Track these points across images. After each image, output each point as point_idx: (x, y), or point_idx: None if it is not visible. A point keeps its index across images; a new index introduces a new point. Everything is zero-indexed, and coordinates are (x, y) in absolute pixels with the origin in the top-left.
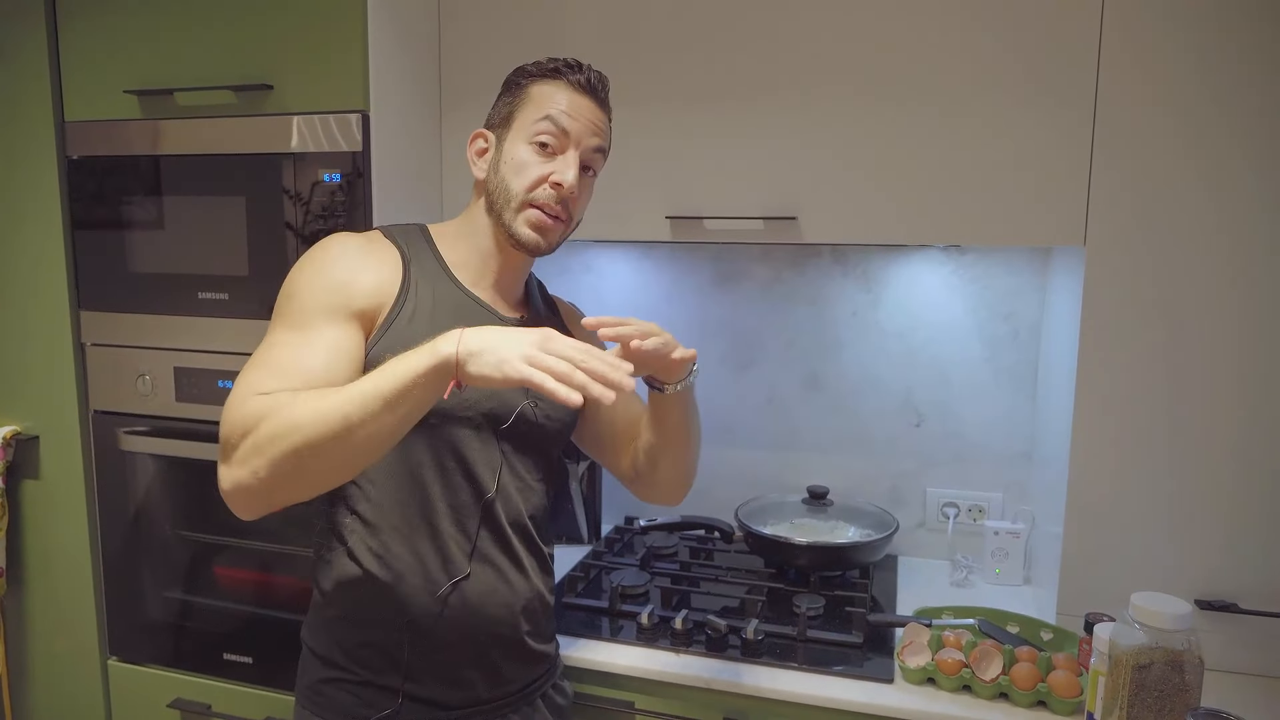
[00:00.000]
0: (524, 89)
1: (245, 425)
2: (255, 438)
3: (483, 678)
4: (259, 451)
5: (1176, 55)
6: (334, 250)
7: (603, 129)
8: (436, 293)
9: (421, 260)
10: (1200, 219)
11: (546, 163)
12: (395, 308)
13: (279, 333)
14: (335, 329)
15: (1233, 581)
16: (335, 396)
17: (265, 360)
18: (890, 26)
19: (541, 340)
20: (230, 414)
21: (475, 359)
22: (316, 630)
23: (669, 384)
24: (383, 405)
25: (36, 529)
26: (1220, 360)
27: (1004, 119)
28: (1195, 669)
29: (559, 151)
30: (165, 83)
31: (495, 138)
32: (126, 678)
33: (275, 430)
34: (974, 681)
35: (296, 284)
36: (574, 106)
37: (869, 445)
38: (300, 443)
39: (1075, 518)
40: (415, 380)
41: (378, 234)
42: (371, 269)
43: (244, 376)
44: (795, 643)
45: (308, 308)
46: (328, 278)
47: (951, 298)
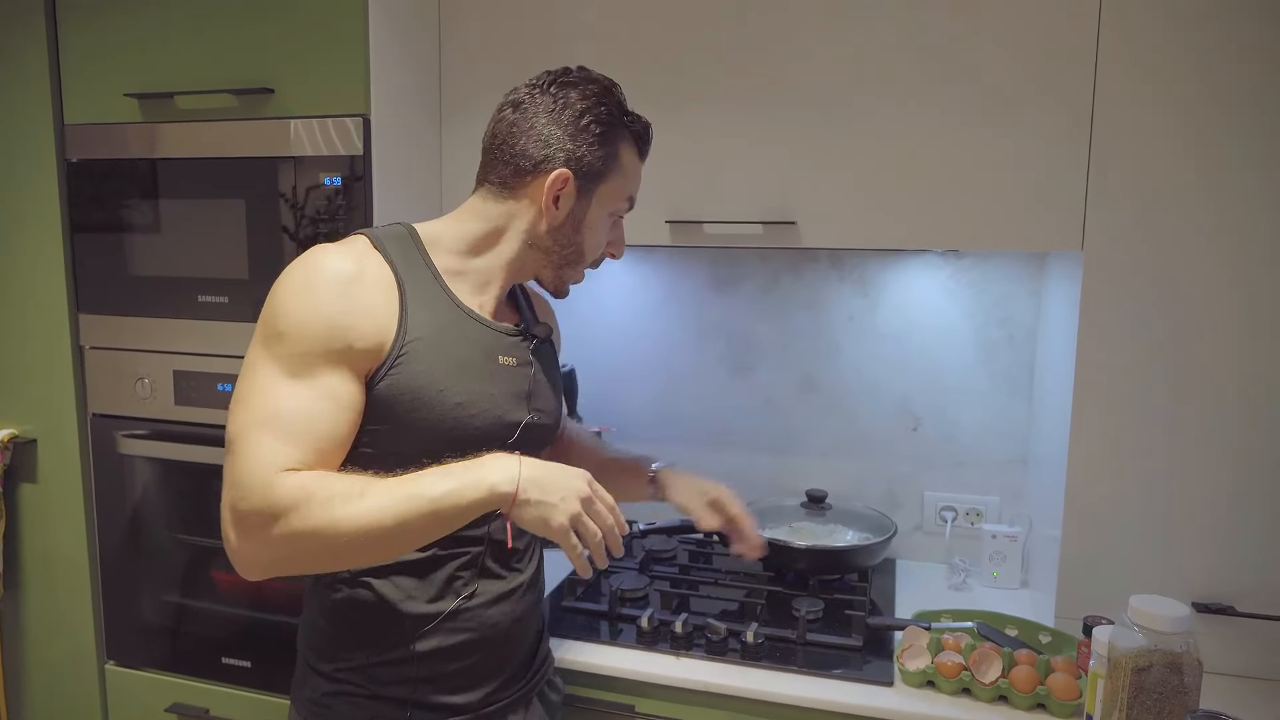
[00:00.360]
0: (618, 149)
1: (274, 509)
2: (286, 527)
3: (490, 683)
4: (289, 541)
5: (1174, 58)
6: (326, 285)
7: None
8: (435, 316)
9: (415, 277)
10: (1198, 222)
11: (611, 231)
12: (396, 342)
13: (276, 378)
14: (335, 377)
15: (1230, 584)
16: (379, 500)
17: (274, 419)
18: (888, 31)
19: (587, 500)
20: (252, 489)
21: (527, 508)
22: (318, 646)
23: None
24: (433, 523)
25: (34, 532)
26: (1218, 363)
27: (1002, 124)
28: (1194, 671)
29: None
30: (165, 86)
31: (577, 188)
32: (124, 682)
33: (311, 526)
34: (973, 684)
35: (289, 320)
36: (640, 181)
37: (866, 449)
38: (339, 544)
39: (1073, 521)
40: (469, 510)
41: (365, 246)
42: (368, 308)
43: (254, 438)
44: (795, 646)
45: (306, 353)
46: (325, 320)
47: (947, 302)
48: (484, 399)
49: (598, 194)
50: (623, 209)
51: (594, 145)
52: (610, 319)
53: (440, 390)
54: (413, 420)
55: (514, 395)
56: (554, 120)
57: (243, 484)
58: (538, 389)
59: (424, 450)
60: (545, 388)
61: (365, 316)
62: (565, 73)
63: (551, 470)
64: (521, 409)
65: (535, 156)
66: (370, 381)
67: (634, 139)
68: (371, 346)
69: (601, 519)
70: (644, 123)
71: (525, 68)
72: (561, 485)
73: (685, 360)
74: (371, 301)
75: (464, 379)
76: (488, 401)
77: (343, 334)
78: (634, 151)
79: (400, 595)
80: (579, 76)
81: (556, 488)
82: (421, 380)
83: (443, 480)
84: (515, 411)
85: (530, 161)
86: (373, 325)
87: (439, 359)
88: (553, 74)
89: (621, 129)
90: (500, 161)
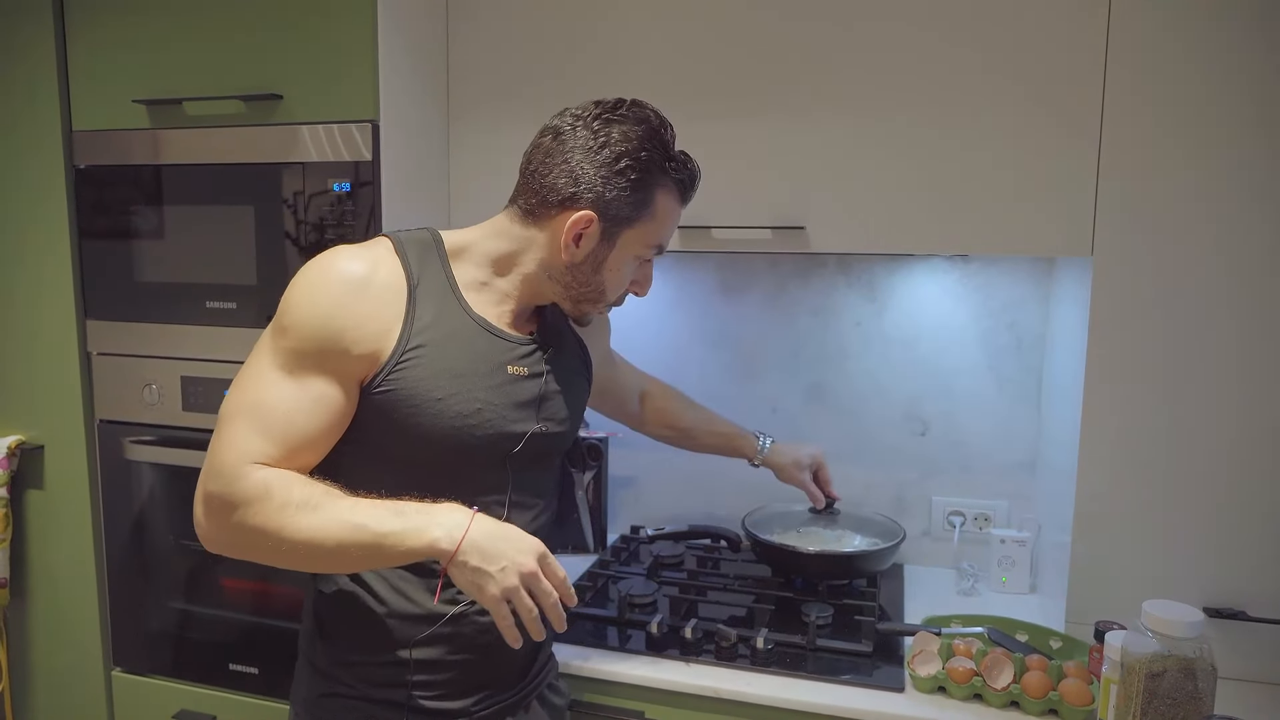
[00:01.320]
0: (653, 196)
1: (234, 499)
2: (241, 518)
3: (488, 687)
4: (242, 532)
5: (1184, 61)
6: (332, 287)
7: None
8: (441, 318)
9: (429, 284)
10: (1209, 226)
11: (637, 271)
12: (397, 349)
13: (271, 370)
14: (323, 380)
15: (1241, 589)
16: (327, 519)
17: (256, 410)
18: (898, 36)
19: (530, 575)
20: (220, 474)
21: (464, 570)
22: (318, 647)
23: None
24: (372, 556)
25: (41, 539)
26: (1228, 369)
27: (1011, 127)
28: (1208, 677)
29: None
30: (174, 92)
31: (601, 231)
32: (130, 688)
33: (261, 524)
34: (985, 690)
35: (292, 316)
36: (675, 227)
37: (873, 454)
38: (283, 548)
39: (1083, 526)
40: (408, 555)
41: (386, 250)
42: (369, 315)
43: (235, 424)
44: (805, 651)
45: (303, 351)
46: (323, 323)
47: (955, 307)
48: (488, 409)
49: (623, 238)
50: (650, 254)
51: (626, 191)
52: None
53: (439, 399)
54: (410, 427)
55: (522, 405)
56: (589, 158)
57: (214, 467)
58: (548, 399)
59: (423, 458)
60: (557, 397)
61: (365, 323)
62: (615, 107)
63: (501, 538)
64: (529, 419)
65: (563, 192)
66: (368, 387)
67: (676, 186)
68: (368, 353)
69: (544, 597)
70: (690, 170)
71: (534, 74)
72: (505, 555)
73: (693, 366)
74: (375, 308)
75: (467, 389)
76: (491, 412)
77: (338, 338)
78: (673, 197)
79: (399, 598)
80: (628, 114)
81: (499, 557)
82: (421, 387)
83: (392, 519)
84: (522, 422)
85: (558, 196)
86: (372, 332)
87: (440, 368)
88: (601, 105)
89: (661, 175)
90: (530, 189)
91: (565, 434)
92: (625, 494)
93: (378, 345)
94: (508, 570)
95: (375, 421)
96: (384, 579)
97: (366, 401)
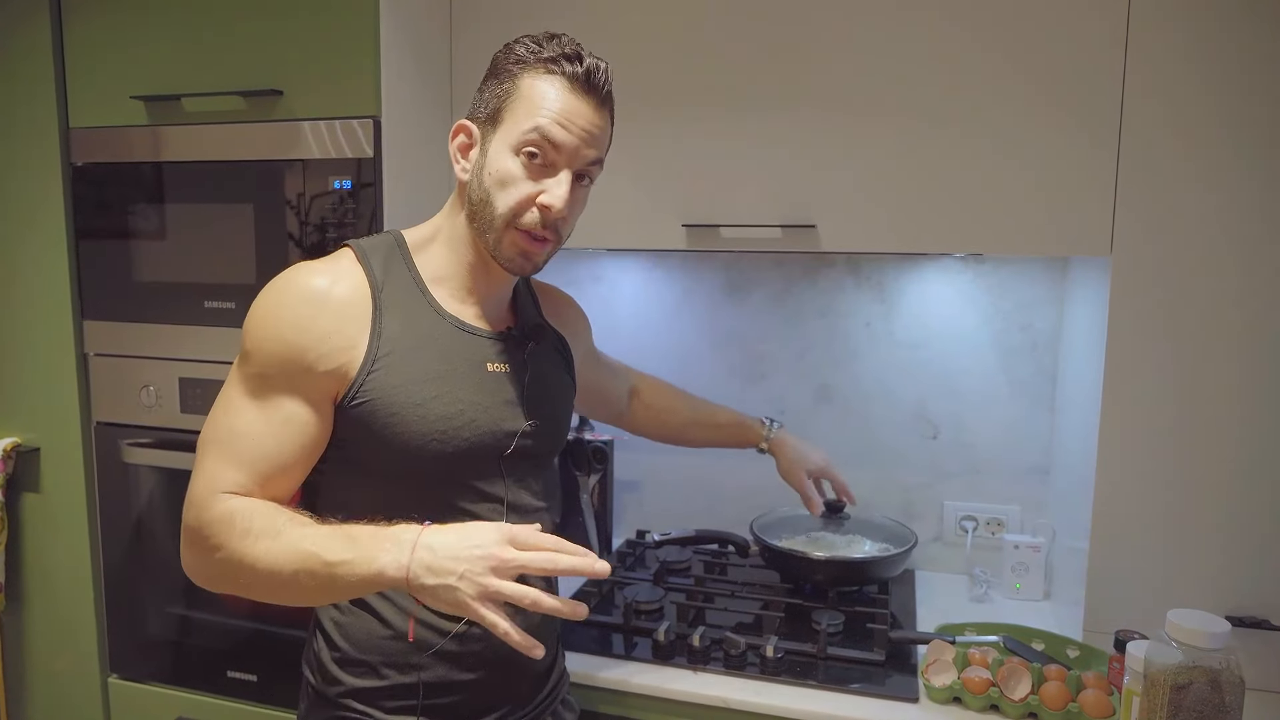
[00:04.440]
0: (515, 80)
1: (201, 530)
2: (210, 550)
3: (500, 708)
4: (214, 564)
5: (1204, 59)
6: (291, 308)
7: (601, 137)
8: (412, 328)
9: (394, 289)
10: (1229, 226)
11: (534, 179)
12: (366, 360)
13: (239, 397)
14: (292, 402)
15: (1263, 597)
16: (285, 547)
17: (226, 439)
18: (912, 35)
19: (498, 565)
20: (192, 505)
21: (426, 594)
22: (321, 669)
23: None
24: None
25: (37, 543)
26: (1250, 371)
27: (1028, 125)
28: (1235, 689)
29: (548, 165)
30: (172, 88)
31: (480, 134)
32: (127, 695)
33: (227, 555)
34: (1002, 701)
35: (253, 340)
36: (568, 112)
37: (883, 458)
38: (250, 579)
39: (1102, 532)
40: (362, 585)
41: (349, 262)
42: (331, 331)
43: (207, 454)
44: (815, 660)
45: (267, 375)
46: (285, 344)
47: (966, 308)
48: (472, 409)
49: (498, 135)
50: (530, 140)
51: (489, 83)
52: (623, 325)
53: (417, 404)
54: (391, 438)
55: (508, 403)
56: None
57: (189, 499)
58: (533, 394)
59: (410, 469)
60: (543, 393)
61: (328, 338)
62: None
63: (450, 544)
64: (517, 417)
65: None
66: (343, 403)
67: (544, 64)
68: (334, 368)
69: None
70: (560, 45)
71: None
72: (460, 559)
73: (699, 367)
74: (336, 323)
75: (448, 390)
76: (477, 412)
77: (300, 357)
78: (542, 76)
79: (402, 618)
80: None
81: (454, 562)
82: (399, 395)
83: (344, 547)
84: (511, 420)
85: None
86: (335, 347)
87: (415, 372)
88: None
89: (525, 59)
90: None
91: (556, 432)
92: (630, 498)
93: (344, 359)
94: (471, 571)
95: (356, 436)
96: (387, 598)
97: (344, 417)
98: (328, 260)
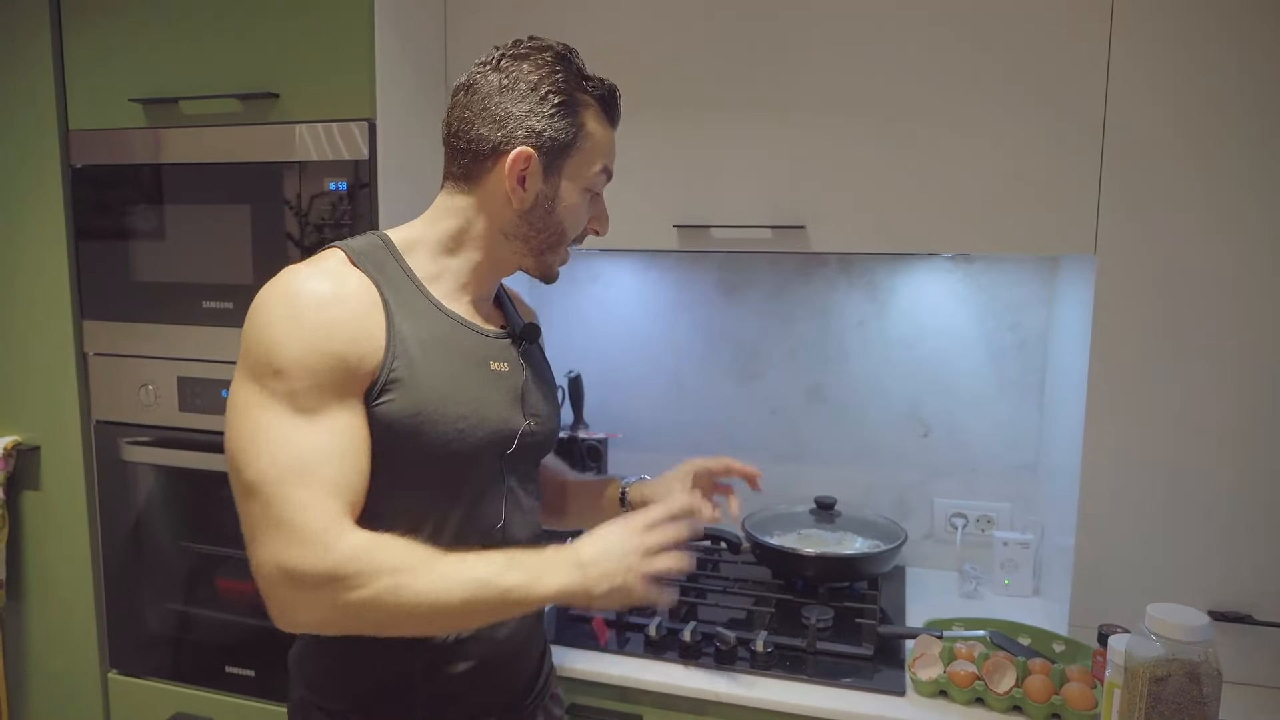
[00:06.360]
0: (582, 118)
1: (334, 572)
2: (346, 591)
3: (496, 706)
4: (345, 607)
5: (1187, 57)
6: (312, 312)
7: None
8: (425, 327)
9: (397, 289)
10: (1214, 225)
11: (591, 206)
12: (386, 359)
13: (287, 419)
14: (346, 411)
15: (1246, 592)
16: (443, 577)
17: (304, 468)
18: (898, 35)
19: (644, 545)
20: (311, 547)
21: (604, 598)
22: (314, 676)
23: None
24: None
25: (37, 540)
26: (1233, 369)
27: (1014, 125)
28: (1213, 681)
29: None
30: (170, 91)
31: (543, 165)
32: (127, 691)
33: (373, 593)
34: (987, 694)
35: (284, 355)
36: (613, 151)
37: (875, 456)
38: (399, 614)
39: (1087, 529)
40: (532, 603)
41: (340, 262)
42: (357, 328)
43: (290, 490)
44: (805, 655)
45: (311, 388)
46: (321, 350)
47: (957, 307)
48: (484, 407)
49: (567, 168)
50: (600, 182)
51: (554, 117)
52: (617, 325)
53: (443, 400)
54: (412, 436)
55: (511, 402)
56: (507, 96)
57: (297, 540)
58: (531, 394)
59: (422, 468)
60: (536, 393)
61: (356, 336)
62: (515, 45)
63: (602, 552)
64: (518, 416)
65: (492, 139)
66: (368, 402)
67: (599, 104)
68: (369, 368)
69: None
70: (607, 86)
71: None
72: (618, 559)
73: (693, 366)
74: (357, 319)
75: (461, 388)
76: (488, 409)
77: (342, 364)
78: (601, 118)
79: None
80: (530, 47)
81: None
82: (424, 394)
83: (509, 571)
84: (513, 419)
85: (488, 145)
86: (364, 345)
87: (437, 372)
88: (501, 48)
89: (582, 94)
90: (459, 151)
91: (550, 431)
92: None
93: (373, 357)
94: (632, 568)
95: (377, 438)
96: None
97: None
98: (316, 262)
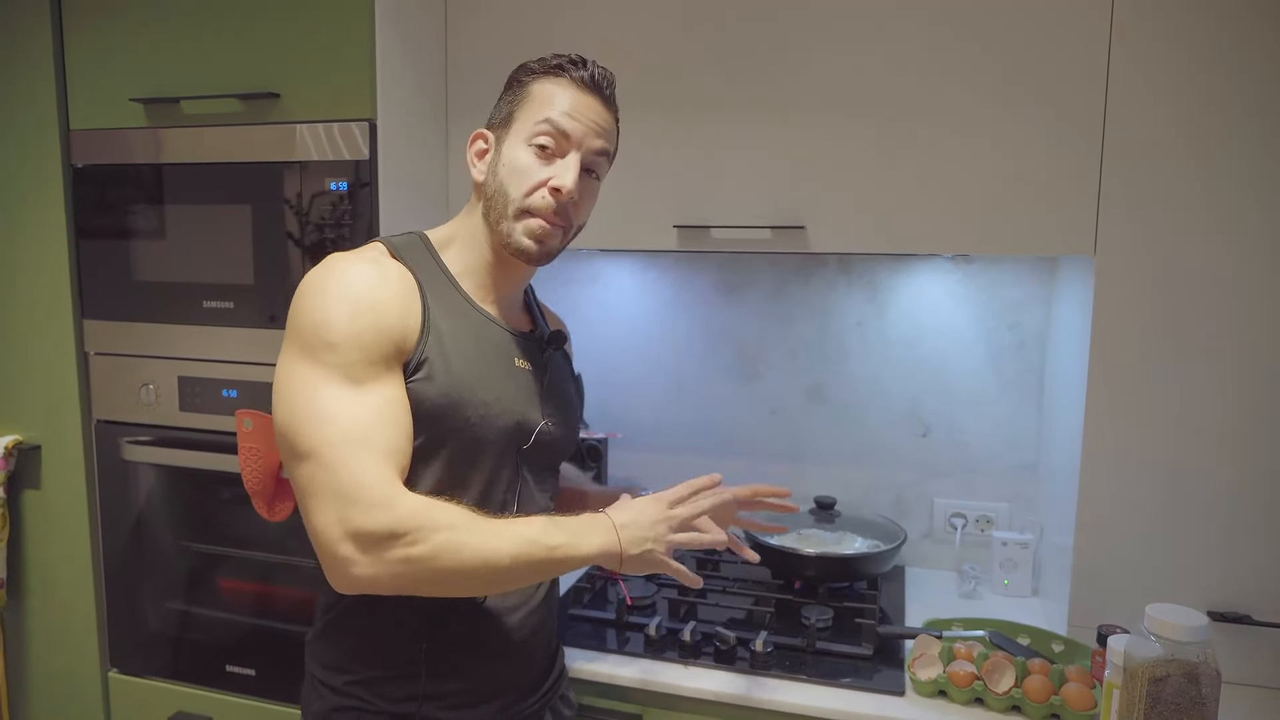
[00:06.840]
0: (525, 87)
1: (397, 528)
2: (408, 547)
3: (501, 699)
4: (407, 562)
5: (1188, 58)
6: (363, 291)
7: (607, 130)
8: (457, 318)
9: (432, 281)
10: (1214, 225)
11: (545, 167)
12: (420, 343)
13: (342, 390)
14: (394, 384)
15: (1245, 593)
16: (495, 535)
17: (365, 434)
18: (899, 37)
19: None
20: (374, 505)
21: (633, 562)
22: (325, 656)
23: None
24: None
25: (38, 540)
26: (1233, 369)
27: (1013, 126)
28: (1212, 682)
29: (559, 154)
30: (171, 91)
31: (495, 139)
32: (127, 690)
33: (432, 550)
34: (986, 694)
35: (338, 330)
36: (576, 106)
37: (874, 456)
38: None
39: (1086, 529)
40: (574, 563)
41: (382, 253)
42: (402, 309)
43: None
44: (804, 654)
45: (363, 361)
46: (380, 328)
47: (957, 308)
48: (507, 399)
49: (511, 134)
50: (543, 132)
51: (504, 94)
52: (617, 325)
53: (472, 387)
54: (442, 418)
55: (531, 400)
56: None
57: (361, 500)
58: (550, 396)
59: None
60: (558, 397)
61: (402, 315)
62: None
63: (633, 519)
64: (537, 413)
65: None
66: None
67: (552, 71)
68: (409, 347)
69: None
70: (567, 55)
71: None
72: (648, 526)
73: (693, 366)
74: (401, 301)
75: (488, 377)
76: (510, 402)
77: (388, 336)
78: (554, 81)
79: (410, 607)
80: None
81: (646, 532)
82: (453, 379)
83: (554, 531)
84: (532, 415)
85: None
86: (409, 323)
87: (466, 359)
88: None
89: (538, 70)
90: None
91: (568, 436)
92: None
93: (412, 336)
94: (659, 536)
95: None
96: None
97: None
98: (361, 252)
